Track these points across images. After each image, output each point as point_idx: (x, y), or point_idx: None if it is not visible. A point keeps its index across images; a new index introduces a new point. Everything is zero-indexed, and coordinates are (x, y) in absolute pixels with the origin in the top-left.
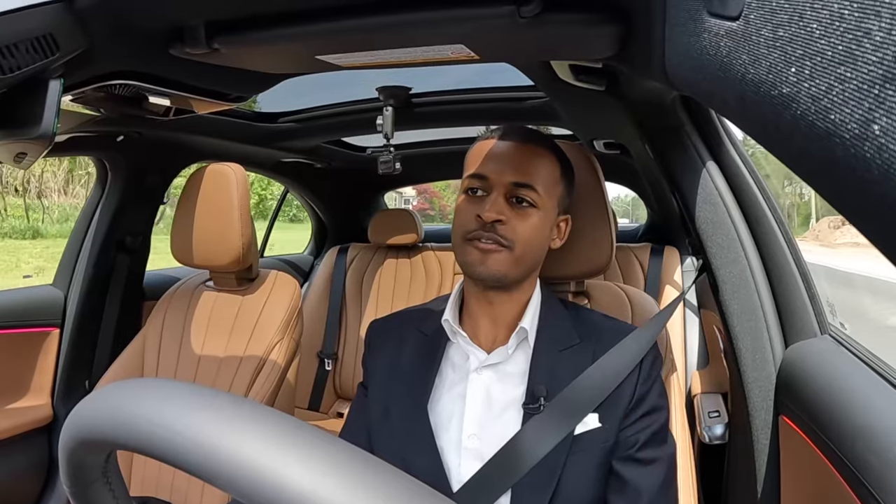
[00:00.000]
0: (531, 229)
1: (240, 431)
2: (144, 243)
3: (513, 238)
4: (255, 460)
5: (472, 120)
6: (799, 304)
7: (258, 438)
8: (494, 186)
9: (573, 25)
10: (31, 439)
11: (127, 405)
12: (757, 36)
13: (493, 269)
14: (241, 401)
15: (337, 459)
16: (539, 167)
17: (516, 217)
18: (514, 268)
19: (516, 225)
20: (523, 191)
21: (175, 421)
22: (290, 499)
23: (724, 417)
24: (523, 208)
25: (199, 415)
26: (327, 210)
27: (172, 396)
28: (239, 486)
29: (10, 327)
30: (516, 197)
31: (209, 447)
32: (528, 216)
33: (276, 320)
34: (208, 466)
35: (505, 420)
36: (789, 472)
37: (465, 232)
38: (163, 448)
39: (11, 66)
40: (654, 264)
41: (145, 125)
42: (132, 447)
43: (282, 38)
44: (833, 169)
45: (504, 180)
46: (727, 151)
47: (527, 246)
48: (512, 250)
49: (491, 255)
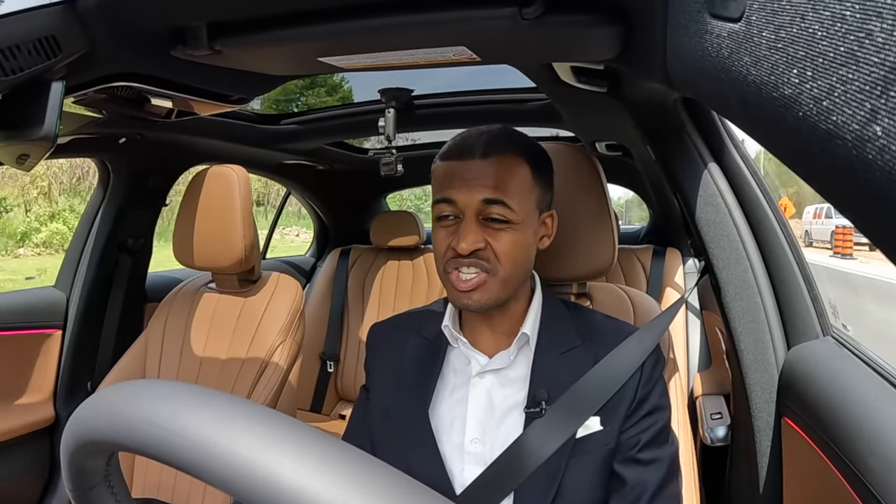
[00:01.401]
0: (512, 246)
1: (239, 432)
2: (146, 245)
3: (494, 260)
4: (254, 461)
5: (473, 122)
6: (801, 306)
7: (257, 439)
8: (465, 209)
9: (575, 27)
10: (32, 441)
11: (127, 407)
12: (758, 37)
13: (481, 301)
14: (240, 401)
15: (339, 462)
16: (508, 177)
17: (494, 238)
18: (502, 291)
19: (496, 246)
20: (496, 208)
21: (174, 422)
22: (291, 500)
23: (726, 419)
24: (499, 225)
25: (198, 416)
26: (329, 212)
27: (172, 397)
28: (238, 487)
29: (13, 328)
30: (490, 217)
31: (208, 448)
32: (507, 232)
33: (278, 322)
34: (208, 468)
35: (507, 424)
36: (792, 473)
37: (444, 263)
38: (163, 450)
39: (13, 67)
40: (657, 266)
41: (147, 127)
42: (133, 449)
43: (284, 39)
44: (835, 170)
45: (473, 201)
46: (729, 153)
47: (511, 264)
48: (496, 274)
49: (476, 290)
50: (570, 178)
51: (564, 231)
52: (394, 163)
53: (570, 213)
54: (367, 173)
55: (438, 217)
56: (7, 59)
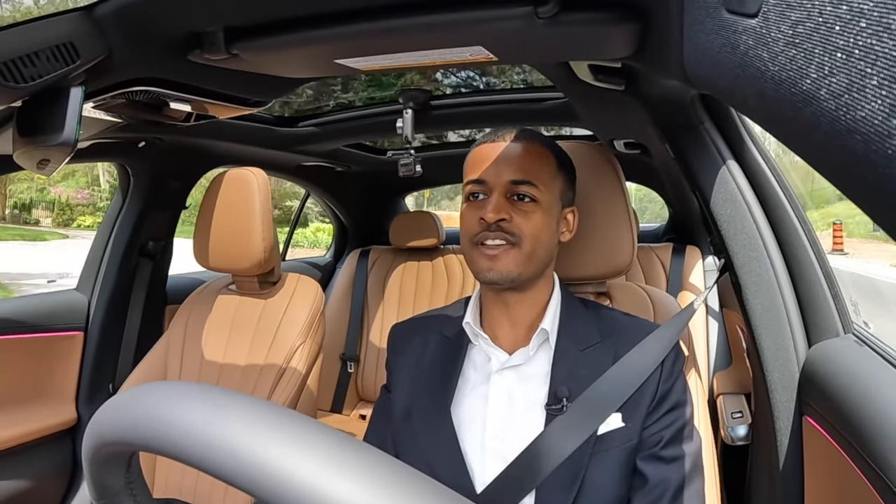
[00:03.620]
0: (536, 224)
1: (260, 434)
2: (167, 248)
3: (519, 233)
4: (276, 463)
5: (491, 121)
6: (822, 303)
7: (279, 441)
8: (494, 188)
9: (591, 25)
10: (55, 442)
11: (149, 408)
12: (776, 33)
13: (504, 271)
14: (261, 403)
15: (362, 462)
16: (535, 163)
17: (519, 214)
18: (525, 265)
19: (521, 221)
20: (523, 187)
21: (196, 423)
22: (313, 499)
23: (747, 418)
24: (525, 204)
25: (220, 417)
26: (348, 213)
27: (194, 399)
28: (260, 488)
29: (36, 331)
30: (517, 194)
31: (230, 450)
32: (532, 212)
33: (298, 323)
34: (230, 469)
35: (528, 421)
36: (813, 473)
37: (471, 236)
38: (185, 451)
39: (33, 74)
40: (676, 264)
41: (166, 131)
42: (154, 450)
43: (301, 42)
44: (854, 166)
45: (502, 180)
46: (748, 149)
47: (535, 241)
48: (520, 247)
49: (500, 258)
50: (588, 176)
51: (583, 229)
52: (412, 164)
53: (589, 212)
54: (385, 174)
55: (468, 197)
56: (27, 65)
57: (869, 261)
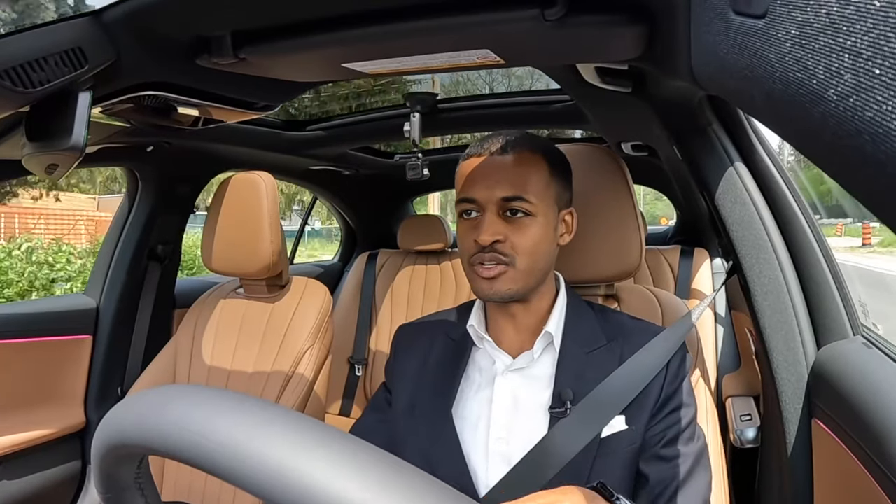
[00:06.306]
0: (532, 238)
1: (269, 437)
2: (175, 252)
3: (514, 253)
4: (284, 465)
5: (499, 124)
6: (831, 305)
7: (288, 444)
8: (486, 206)
9: (598, 27)
10: (64, 445)
11: (158, 411)
12: (783, 33)
13: (503, 290)
14: (270, 406)
15: (366, 463)
16: (526, 173)
17: (514, 231)
18: (524, 281)
19: (515, 240)
20: (515, 203)
21: (206, 427)
22: (319, 501)
23: (756, 421)
24: (519, 219)
25: (229, 420)
26: (356, 216)
27: (204, 402)
28: (268, 491)
29: (45, 335)
30: (510, 210)
31: (240, 453)
32: (526, 227)
33: (306, 327)
34: (239, 472)
35: (532, 424)
36: (822, 476)
37: (468, 257)
38: (195, 454)
39: (41, 79)
40: (685, 266)
41: (174, 135)
42: (163, 453)
43: (308, 46)
44: (863, 167)
45: (494, 198)
46: (756, 151)
47: (531, 257)
48: (515, 266)
49: (498, 280)
50: (595, 179)
51: (591, 232)
52: (420, 167)
53: (597, 214)
54: (393, 178)
55: (461, 214)
56: (35, 70)
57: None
